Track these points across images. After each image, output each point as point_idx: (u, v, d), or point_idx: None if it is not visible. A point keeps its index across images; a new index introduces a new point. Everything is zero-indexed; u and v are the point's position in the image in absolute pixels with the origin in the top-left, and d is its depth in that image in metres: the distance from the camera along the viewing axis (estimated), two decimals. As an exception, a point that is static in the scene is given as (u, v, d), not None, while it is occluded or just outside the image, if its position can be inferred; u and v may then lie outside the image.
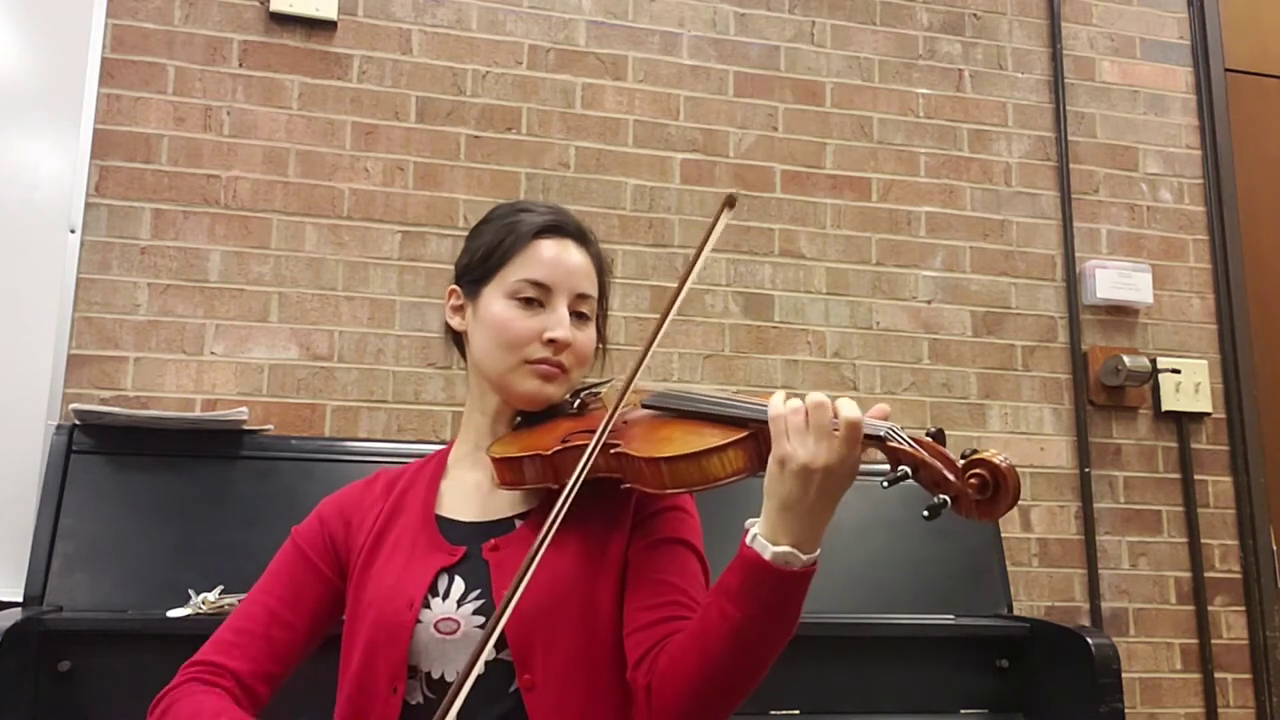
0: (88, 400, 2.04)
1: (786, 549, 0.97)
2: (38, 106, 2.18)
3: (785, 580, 0.98)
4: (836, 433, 0.96)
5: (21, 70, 2.20)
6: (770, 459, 0.99)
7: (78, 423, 1.92)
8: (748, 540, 1.00)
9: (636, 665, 1.09)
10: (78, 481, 1.87)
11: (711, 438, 1.05)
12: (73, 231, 2.13)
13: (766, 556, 0.98)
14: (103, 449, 1.91)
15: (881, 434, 0.97)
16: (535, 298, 1.23)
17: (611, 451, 1.11)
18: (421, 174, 2.34)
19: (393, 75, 2.36)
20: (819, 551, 1.00)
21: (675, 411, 1.16)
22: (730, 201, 1.10)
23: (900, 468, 0.94)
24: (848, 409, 0.96)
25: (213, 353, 2.17)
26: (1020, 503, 2.52)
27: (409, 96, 2.36)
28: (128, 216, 2.17)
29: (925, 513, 0.91)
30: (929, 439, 0.96)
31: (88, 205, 2.15)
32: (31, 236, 2.13)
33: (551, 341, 1.21)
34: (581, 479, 1.04)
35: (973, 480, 0.91)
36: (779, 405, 1.00)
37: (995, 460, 0.90)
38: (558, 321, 1.22)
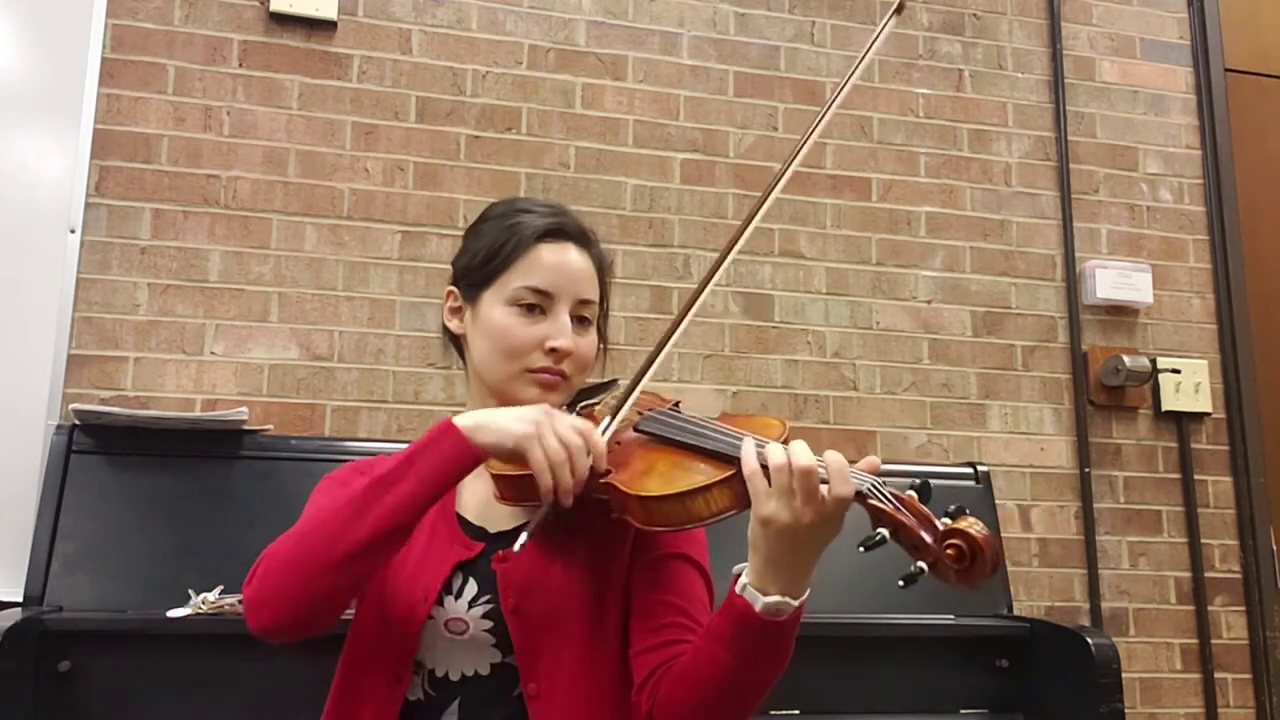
0: (88, 400, 2.04)
1: (776, 599, 0.97)
2: (38, 106, 2.18)
3: (776, 628, 0.98)
4: (825, 486, 0.94)
5: (21, 70, 2.20)
6: (753, 518, 0.97)
7: (78, 423, 1.92)
8: (737, 589, 1.00)
9: (640, 688, 1.10)
10: (78, 481, 1.87)
11: (697, 475, 1.03)
12: (73, 231, 2.13)
13: (757, 608, 0.97)
14: (103, 449, 1.91)
15: (864, 490, 0.94)
16: (536, 304, 1.21)
17: (601, 481, 1.09)
18: (421, 174, 2.33)
19: (393, 75, 2.36)
20: (808, 591, 1.00)
21: (665, 440, 1.13)
22: (899, 7, 1.08)
23: (879, 531, 0.92)
24: (839, 485, 0.94)
25: (213, 353, 2.17)
26: (1020, 502, 2.52)
27: (409, 96, 2.36)
28: (128, 216, 2.17)
29: (901, 582, 0.89)
30: (911, 496, 0.94)
31: (88, 205, 2.15)
32: (31, 236, 2.12)
33: (553, 350, 1.20)
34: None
35: (950, 550, 0.89)
36: (753, 460, 0.97)
37: (972, 532, 0.89)
38: (560, 330, 1.20)
